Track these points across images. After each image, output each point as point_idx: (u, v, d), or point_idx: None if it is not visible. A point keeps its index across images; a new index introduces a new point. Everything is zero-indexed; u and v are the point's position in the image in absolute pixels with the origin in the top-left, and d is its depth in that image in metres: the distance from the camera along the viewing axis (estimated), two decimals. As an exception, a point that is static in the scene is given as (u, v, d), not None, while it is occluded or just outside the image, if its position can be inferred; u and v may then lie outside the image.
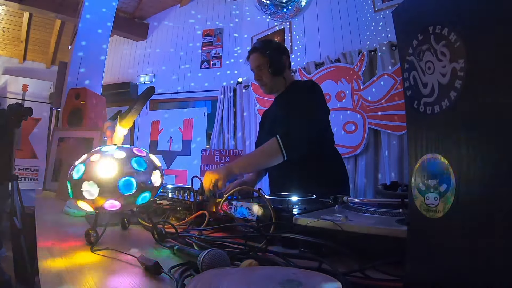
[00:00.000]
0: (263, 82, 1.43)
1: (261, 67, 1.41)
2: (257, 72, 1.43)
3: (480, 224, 0.32)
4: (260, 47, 1.43)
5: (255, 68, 1.43)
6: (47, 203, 1.34)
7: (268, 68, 1.40)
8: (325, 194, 0.93)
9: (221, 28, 4.49)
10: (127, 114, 0.80)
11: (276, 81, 1.43)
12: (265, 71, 1.41)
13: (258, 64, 1.41)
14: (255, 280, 0.41)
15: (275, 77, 1.42)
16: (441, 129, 0.37)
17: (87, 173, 0.68)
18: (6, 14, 4.51)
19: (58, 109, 2.83)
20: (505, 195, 0.29)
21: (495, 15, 0.31)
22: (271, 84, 1.43)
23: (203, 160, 3.98)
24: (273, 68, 1.39)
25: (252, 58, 1.43)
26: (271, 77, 1.41)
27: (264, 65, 1.40)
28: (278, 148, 1.18)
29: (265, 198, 0.78)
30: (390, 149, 2.76)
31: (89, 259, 0.60)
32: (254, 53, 1.43)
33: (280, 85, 1.45)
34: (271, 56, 1.40)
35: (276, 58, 1.41)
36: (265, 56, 1.40)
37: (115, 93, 4.60)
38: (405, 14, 0.44)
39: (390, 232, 0.54)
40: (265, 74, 1.41)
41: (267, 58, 1.40)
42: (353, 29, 3.24)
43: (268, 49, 1.42)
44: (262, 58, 1.40)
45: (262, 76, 1.42)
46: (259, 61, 1.41)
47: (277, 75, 1.42)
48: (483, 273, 0.31)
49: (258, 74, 1.43)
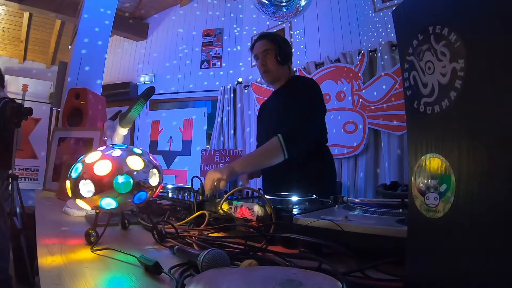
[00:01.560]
0: (268, 68, 1.41)
1: (268, 52, 1.39)
2: (262, 57, 1.41)
3: (480, 224, 0.32)
4: (269, 35, 1.44)
5: (262, 53, 1.40)
6: (47, 203, 1.34)
7: (275, 54, 1.39)
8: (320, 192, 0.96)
9: (221, 28, 4.49)
10: (127, 114, 0.80)
11: (281, 69, 1.42)
12: (271, 57, 1.39)
13: (266, 48, 1.40)
14: (255, 280, 0.41)
15: (280, 66, 1.41)
16: (441, 129, 0.37)
17: (85, 172, 0.68)
18: (6, 14, 4.51)
19: (58, 109, 2.83)
20: (504, 195, 0.29)
21: (495, 15, 0.31)
22: (275, 71, 1.41)
23: (203, 160, 3.98)
24: (281, 55, 1.39)
25: (260, 43, 1.42)
26: (276, 64, 1.40)
27: (272, 50, 1.39)
28: (279, 147, 1.18)
29: (265, 198, 0.78)
30: (390, 149, 2.76)
31: (89, 259, 0.60)
32: (263, 39, 1.42)
33: (283, 75, 1.44)
34: (280, 43, 1.41)
35: (284, 47, 1.41)
36: (274, 43, 1.40)
37: (115, 93, 4.60)
38: (405, 14, 0.44)
39: (390, 232, 0.54)
40: (271, 60, 1.40)
41: (275, 45, 1.40)
42: (353, 29, 3.24)
43: (277, 37, 1.43)
44: (271, 44, 1.40)
45: (268, 62, 1.40)
46: (267, 45, 1.40)
47: (283, 64, 1.41)
48: (483, 273, 0.31)
49: (263, 59, 1.40)
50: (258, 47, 1.42)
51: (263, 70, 1.43)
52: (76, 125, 2.09)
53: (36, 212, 1.14)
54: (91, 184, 0.67)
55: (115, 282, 0.50)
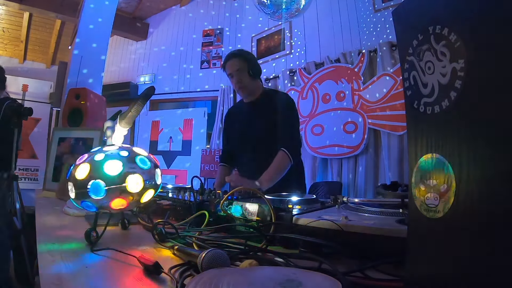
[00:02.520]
0: (243, 84, 1.54)
1: (241, 70, 1.53)
2: (236, 75, 1.53)
3: (480, 224, 0.32)
4: (238, 53, 1.58)
5: (235, 71, 1.53)
6: (47, 203, 1.34)
7: (248, 71, 1.53)
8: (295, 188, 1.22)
9: (221, 28, 4.49)
10: (127, 114, 0.80)
11: (255, 83, 1.57)
12: (245, 74, 1.53)
13: (238, 67, 1.53)
14: (255, 280, 0.41)
15: (254, 80, 1.56)
16: (441, 129, 0.37)
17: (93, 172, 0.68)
18: (6, 14, 4.51)
19: (58, 109, 2.83)
20: (504, 195, 0.29)
21: (495, 15, 0.31)
22: (250, 86, 1.56)
23: (203, 160, 3.98)
24: (253, 71, 1.54)
25: (232, 62, 1.55)
26: (250, 79, 1.55)
27: (244, 68, 1.53)
28: (287, 158, 1.42)
29: (265, 198, 0.78)
30: (390, 149, 2.76)
31: (89, 259, 0.60)
32: (234, 58, 1.55)
33: (257, 88, 1.59)
34: (250, 60, 1.57)
35: (254, 62, 1.58)
36: (245, 61, 1.55)
37: (115, 93, 4.60)
38: (405, 14, 0.44)
39: (390, 232, 0.54)
40: (245, 77, 1.53)
41: (246, 63, 1.54)
42: (353, 29, 3.24)
43: (246, 55, 1.59)
44: (242, 62, 1.54)
45: (243, 78, 1.53)
46: (239, 64, 1.53)
47: (255, 78, 1.57)
48: (483, 273, 0.31)
49: (238, 77, 1.53)
50: (230, 66, 1.55)
51: (239, 87, 1.55)
52: (76, 125, 2.09)
53: (36, 212, 1.13)
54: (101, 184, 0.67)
55: (115, 282, 0.50)
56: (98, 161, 0.70)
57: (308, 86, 3.38)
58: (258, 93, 1.59)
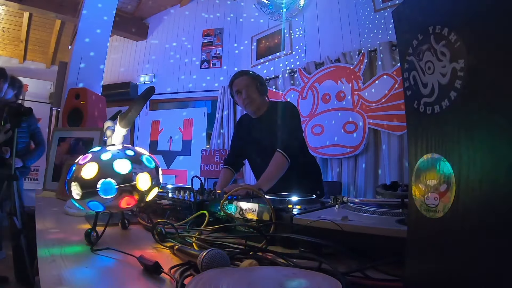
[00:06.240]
0: (252, 99, 1.60)
1: (249, 86, 1.60)
2: (246, 91, 1.59)
3: (480, 224, 0.32)
4: (246, 72, 1.67)
5: (245, 87, 1.59)
6: (47, 203, 1.34)
7: (256, 87, 1.61)
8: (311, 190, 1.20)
9: (221, 28, 4.49)
10: (127, 114, 0.80)
11: (262, 99, 1.65)
12: (253, 89, 1.60)
13: (248, 83, 1.60)
14: (255, 280, 0.41)
15: (262, 96, 1.64)
16: (441, 129, 0.37)
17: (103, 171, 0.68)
18: (6, 14, 4.50)
19: (58, 109, 2.83)
20: (504, 195, 0.29)
21: (495, 15, 0.31)
22: (259, 101, 1.62)
23: (203, 160, 3.98)
24: (261, 87, 1.62)
25: (241, 79, 1.61)
26: (259, 95, 1.62)
27: (253, 85, 1.61)
28: (284, 158, 1.46)
29: (265, 198, 0.78)
30: (390, 149, 2.76)
31: (89, 259, 0.60)
32: (243, 76, 1.63)
33: (264, 104, 1.66)
34: (257, 78, 1.65)
35: (261, 81, 1.66)
36: (253, 78, 1.63)
37: (115, 93, 4.60)
38: (405, 14, 0.44)
39: (390, 232, 0.54)
40: (254, 92, 1.60)
41: (255, 80, 1.62)
42: (353, 29, 3.23)
43: (253, 73, 1.67)
44: (251, 79, 1.61)
45: (252, 94, 1.60)
46: (249, 80, 1.61)
47: (263, 95, 1.65)
48: (483, 273, 0.31)
49: (248, 93, 1.59)
50: (239, 83, 1.61)
51: (248, 102, 1.60)
52: (76, 125, 2.09)
53: (36, 212, 1.13)
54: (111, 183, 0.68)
55: (115, 282, 0.50)
56: (106, 160, 0.70)
57: (308, 86, 3.38)
58: (263, 109, 1.65)
